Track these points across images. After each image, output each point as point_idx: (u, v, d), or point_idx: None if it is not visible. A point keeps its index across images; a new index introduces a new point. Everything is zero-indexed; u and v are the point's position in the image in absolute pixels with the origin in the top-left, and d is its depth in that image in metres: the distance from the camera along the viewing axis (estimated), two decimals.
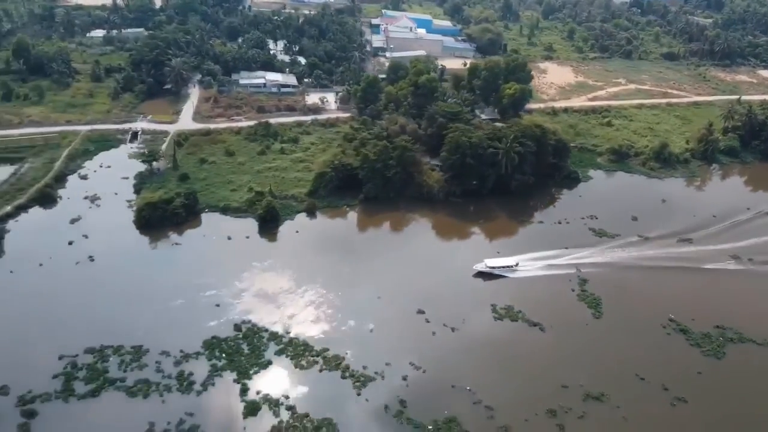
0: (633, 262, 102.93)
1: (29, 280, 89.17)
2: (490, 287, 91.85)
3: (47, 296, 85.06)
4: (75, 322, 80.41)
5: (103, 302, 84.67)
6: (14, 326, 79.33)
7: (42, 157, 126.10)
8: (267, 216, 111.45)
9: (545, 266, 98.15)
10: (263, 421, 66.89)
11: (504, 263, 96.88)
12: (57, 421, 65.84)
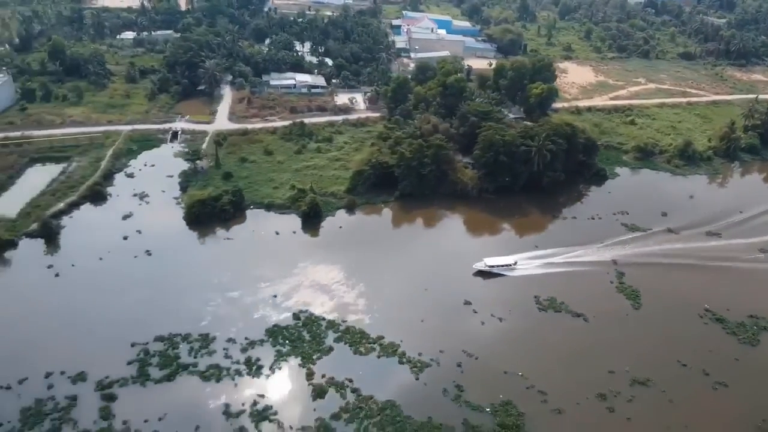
0: (666, 256, 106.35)
1: (92, 273, 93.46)
2: (532, 281, 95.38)
3: (112, 288, 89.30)
4: (141, 312, 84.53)
5: (165, 293, 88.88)
6: (84, 316, 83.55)
7: (88, 156, 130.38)
8: (310, 212, 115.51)
9: (545, 264, 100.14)
10: (331, 402, 70.77)
11: (503, 262, 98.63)
12: (135, 403, 69.81)
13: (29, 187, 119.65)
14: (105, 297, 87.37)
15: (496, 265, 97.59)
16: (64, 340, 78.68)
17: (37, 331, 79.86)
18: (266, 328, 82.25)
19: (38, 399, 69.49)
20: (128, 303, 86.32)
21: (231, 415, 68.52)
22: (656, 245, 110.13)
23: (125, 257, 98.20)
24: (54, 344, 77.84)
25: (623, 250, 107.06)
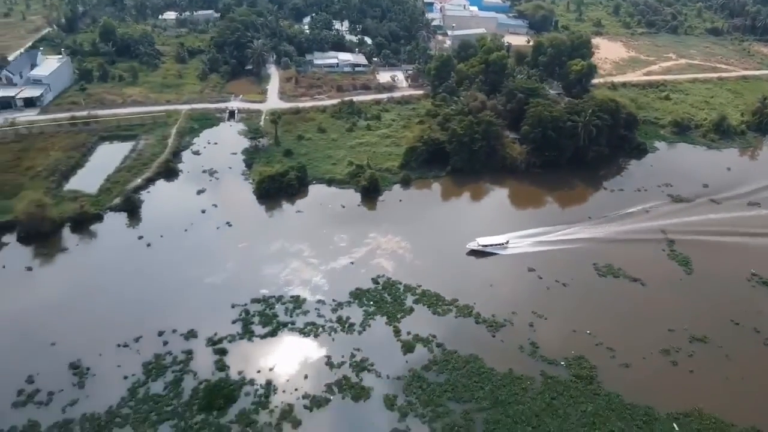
0: (711, 224, 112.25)
1: (180, 243, 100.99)
2: (590, 248, 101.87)
3: (202, 256, 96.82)
4: (234, 276, 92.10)
5: (253, 260, 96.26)
6: (182, 281, 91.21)
7: (154, 135, 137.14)
8: (370, 187, 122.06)
9: (535, 243, 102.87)
10: (420, 356, 78.24)
11: (495, 241, 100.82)
12: (245, 356, 77.53)
13: (102, 164, 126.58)
14: (198, 264, 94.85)
15: (489, 245, 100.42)
16: (169, 303, 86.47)
17: (141, 296, 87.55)
18: (350, 291, 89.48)
19: (157, 354, 77.36)
20: (221, 269, 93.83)
21: (333, 366, 76.15)
22: (701, 215, 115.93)
23: (207, 228, 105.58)
24: (159, 307, 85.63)
25: (671, 219, 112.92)
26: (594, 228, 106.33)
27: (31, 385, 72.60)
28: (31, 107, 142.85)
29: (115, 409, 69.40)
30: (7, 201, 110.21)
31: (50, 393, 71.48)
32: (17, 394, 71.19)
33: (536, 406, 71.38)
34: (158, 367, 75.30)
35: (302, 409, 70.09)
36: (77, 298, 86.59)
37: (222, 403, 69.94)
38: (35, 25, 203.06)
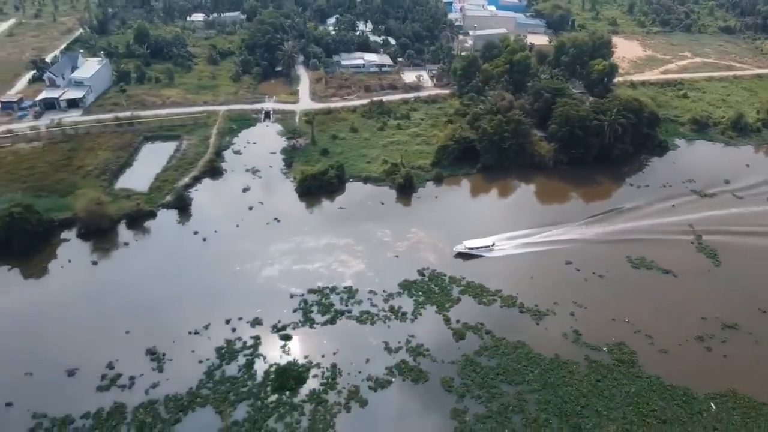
0: (735, 218, 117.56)
1: (233, 237, 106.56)
2: (621, 243, 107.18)
3: (256, 250, 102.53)
4: (289, 269, 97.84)
5: (305, 254, 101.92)
6: (241, 273, 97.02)
7: (196, 135, 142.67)
8: (406, 184, 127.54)
9: (521, 244, 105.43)
10: (471, 342, 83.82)
11: (482, 244, 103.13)
12: (308, 341, 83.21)
13: (148, 163, 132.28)
14: (253, 257, 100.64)
15: (476, 247, 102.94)
16: (231, 293, 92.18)
17: (204, 287, 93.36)
18: (398, 283, 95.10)
19: (227, 340, 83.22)
20: (276, 261, 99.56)
21: (392, 351, 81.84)
22: (725, 209, 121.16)
23: (257, 224, 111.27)
24: (223, 297, 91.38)
25: (696, 214, 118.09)
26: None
27: (112, 370, 78.44)
28: (74, 108, 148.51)
29: (195, 390, 75.13)
30: (63, 199, 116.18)
31: (131, 377, 77.29)
32: (101, 379, 77.05)
33: (583, 387, 76.91)
34: (230, 351, 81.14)
35: (367, 389, 75.82)
36: (144, 290, 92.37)
37: (293, 384, 75.75)
38: (66, 26, 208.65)
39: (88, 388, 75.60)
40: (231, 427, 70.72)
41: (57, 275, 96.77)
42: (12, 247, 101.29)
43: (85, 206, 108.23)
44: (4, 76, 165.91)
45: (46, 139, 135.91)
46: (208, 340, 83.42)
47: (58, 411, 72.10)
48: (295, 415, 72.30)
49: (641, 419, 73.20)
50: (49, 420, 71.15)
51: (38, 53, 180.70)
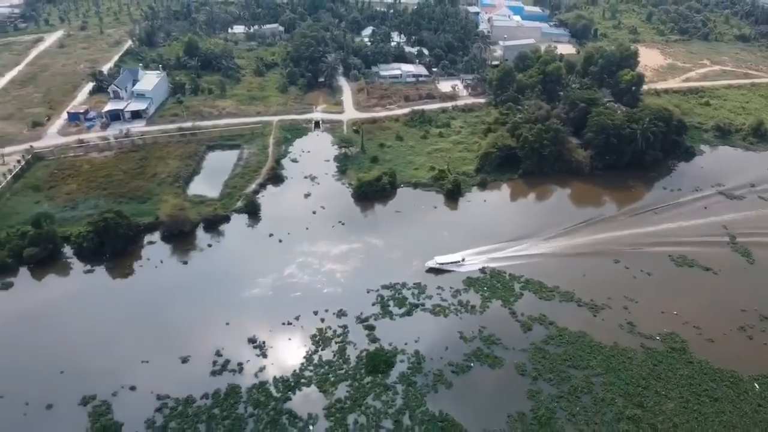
0: (764, 219, 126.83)
1: (305, 239, 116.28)
2: (663, 243, 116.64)
3: (330, 249, 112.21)
4: (361, 266, 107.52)
5: (373, 253, 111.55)
6: (318, 271, 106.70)
7: (254, 144, 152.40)
8: (454, 189, 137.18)
9: (489, 259, 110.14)
10: (537, 332, 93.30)
11: (452, 259, 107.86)
12: (391, 331, 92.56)
13: (214, 171, 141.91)
14: (327, 256, 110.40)
15: (446, 263, 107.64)
16: (314, 288, 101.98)
17: (288, 282, 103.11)
18: (462, 279, 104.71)
19: (319, 329, 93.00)
20: (348, 260, 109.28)
21: (467, 340, 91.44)
22: (753, 210, 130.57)
23: (324, 227, 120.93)
24: (307, 291, 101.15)
25: (728, 215, 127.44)
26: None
27: (221, 357, 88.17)
28: (138, 119, 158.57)
29: (299, 372, 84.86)
30: (142, 205, 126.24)
31: (239, 363, 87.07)
32: (212, 365, 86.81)
33: (642, 371, 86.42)
34: (323, 339, 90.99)
35: (450, 373, 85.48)
36: (235, 286, 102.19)
37: (384, 368, 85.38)
38: (114, 38, 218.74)
39: (202, 373, 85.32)
40: (335, 404, 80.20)
41: (153, 274, 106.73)
42: (105, 249, 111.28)
43: (170, 211, 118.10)
44: (63, 87, 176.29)
45: (117, 148, 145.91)
46: (301, 329, 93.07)
47: (179, 393, 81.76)
48: (390, 394, 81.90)
49: (695, 397, 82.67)
50: (172, 400, 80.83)
51: (92, 65, 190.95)
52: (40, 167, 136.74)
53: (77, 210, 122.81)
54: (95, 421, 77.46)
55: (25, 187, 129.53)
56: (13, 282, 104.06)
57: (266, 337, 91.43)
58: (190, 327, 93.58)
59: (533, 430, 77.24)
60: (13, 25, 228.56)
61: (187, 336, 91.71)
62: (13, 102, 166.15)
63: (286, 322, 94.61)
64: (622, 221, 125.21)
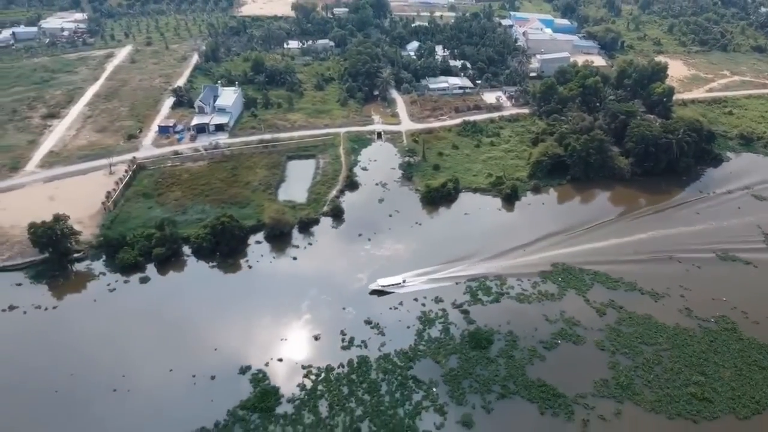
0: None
1: (391, 237, 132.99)
2: (705, 238, 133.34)
3: (417, 248, 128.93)
4: (447, 262, 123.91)
5: (453, 249, 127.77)
6: (407, 265, 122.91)
7: (328, 154, 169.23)
8: (511, 193, 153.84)
9: (428, 280, 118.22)
10: (610, 315, 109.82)
11: (392, 281, 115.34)
12: (484, 315, 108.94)
13: (297, 178, 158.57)
14: (414, 253, 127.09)
15: (388, 285, 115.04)
16: (407, 279, 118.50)
17: (386, 274, 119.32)
18: (537, 272, 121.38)
19: (423, 311, 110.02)
20: (432, 256, 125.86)
21: (551, 321, 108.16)
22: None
23: (404, 228, 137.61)
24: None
25: (760, 214, 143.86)
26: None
27: (346, 336, 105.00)
28: (221, 132, 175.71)
29: (414, 347, 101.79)
30: (243, 209, 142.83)
31: (362, 340, 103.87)
32: (341, 341, 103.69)
33: (701, 346, 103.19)
34: (428, 320, 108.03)
35: (542, 349, 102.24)
36: (343, 277, 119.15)
37: (485, 344, 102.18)
38: (179, 54, 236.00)
39: (334, 348, 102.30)
40: (449, 372, 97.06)
41: (268, 267, 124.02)
42: (220, 249, 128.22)
43: (273, 215, 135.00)
44: (146, 102, 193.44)
45: (208, 159, 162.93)
46: (407, 313, 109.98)
47: (320, 363, 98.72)
48: (493, 366, 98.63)
49: (747, 367, 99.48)
50: (315, 369, 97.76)
51: (166, 80, 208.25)
52: (145, 176, 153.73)
53: (187, 214, 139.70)
54: (256, 386, 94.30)
55: (136, 194, 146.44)
56: (149, 277, 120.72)
57: (379, 318, 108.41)
58: (313, 311, 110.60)
59: (617, 393, 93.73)
60: (82, 40, 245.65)
61: (313, 318, 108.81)
62: (103, 116, 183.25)
63: (392, 307, 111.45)
64: (667, 220, 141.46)
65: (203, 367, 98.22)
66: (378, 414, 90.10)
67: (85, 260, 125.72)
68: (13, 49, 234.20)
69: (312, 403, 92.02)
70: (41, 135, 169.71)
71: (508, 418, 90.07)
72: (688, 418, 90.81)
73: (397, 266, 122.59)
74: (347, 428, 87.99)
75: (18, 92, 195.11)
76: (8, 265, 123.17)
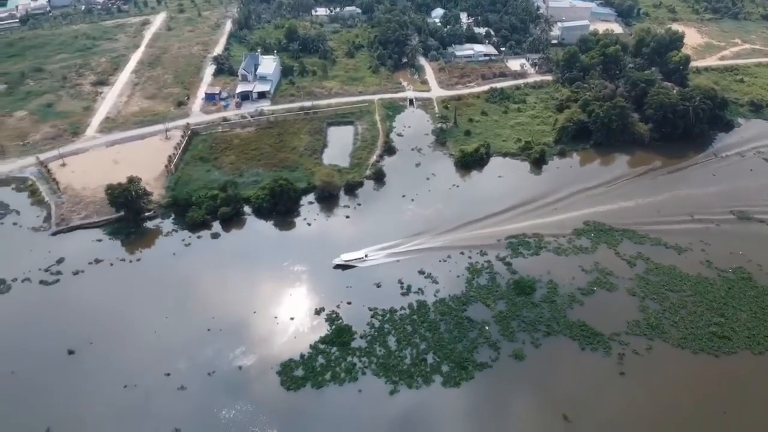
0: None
1: (430, 198, 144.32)
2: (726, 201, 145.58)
3: (458, 208, 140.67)
4: (487, 219, 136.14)
5: (492, 209, 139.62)
6: (451, 221, 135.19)
7: (364, 120, 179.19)
8: (539, 158, 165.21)
9: (388, 254, 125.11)
10: (639, 266, 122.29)
11: (355, 256, 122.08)
12: (524, 266, 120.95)
13: (338, 144, 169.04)
14: (457, 211, 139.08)
15: (351, 259, 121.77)
16: (454, 235, 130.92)
17: (429, 230, 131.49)
18: (572, 229, 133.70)
19: (470, 263, 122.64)
20: (473, 214, 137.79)
21: (587, 272, 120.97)
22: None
23: (443, 189, 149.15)
24: (449, 237, 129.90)
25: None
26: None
27: (403, 284, 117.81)
28: (263, 99, 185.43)
29: (465, 293, 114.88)
30: (293, 173, 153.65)
31: (419, 288, 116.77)
32: (400, 289, 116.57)
33: (720, 293, 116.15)
34: (475, 270, 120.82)
35: (580, 295, 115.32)
36: (394, 233, 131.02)
37: (528, 290, 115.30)
38: (212, 21, 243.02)
39: (394, 294, 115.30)
40: (498, 314, 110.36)
41: (326, 225, 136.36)
42: (278, 209, 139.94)
43: (324, 178, 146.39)
44: (188, 69, 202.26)
45: (255, 125, 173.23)
46: (455, 264, 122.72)
47: (383, 306, 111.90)
48: (537, 309, 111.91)
49: (761, 310, 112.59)
50: (380, 311, 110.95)
51: (204, 48, 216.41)
52: (199, 141, 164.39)
53: (244, 177, 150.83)
54: (331, 324, 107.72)
55: (194, 158, 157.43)
56: (219, 233, 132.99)
57: (432, 269, 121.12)
58: (371, 262, 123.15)
59: (648, 331, 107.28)
60: (117, 7, 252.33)
61: (372, 268, 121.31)
62: (150, 83, 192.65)
63: (442, 260, 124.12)
64: (686, 182, 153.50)
65: (282, 309, 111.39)
66: (440, 347, 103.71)
67: (156, 218, 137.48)
68: (51, 16, 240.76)
69: (381, 338, 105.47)
70: (94, 102, 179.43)
71: (553, 353, 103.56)
72: (710, 353, 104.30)
73: (444, 222, 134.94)
74: (415, 359, 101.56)
75: (64, 59, 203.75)
76: (86, 222, 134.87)
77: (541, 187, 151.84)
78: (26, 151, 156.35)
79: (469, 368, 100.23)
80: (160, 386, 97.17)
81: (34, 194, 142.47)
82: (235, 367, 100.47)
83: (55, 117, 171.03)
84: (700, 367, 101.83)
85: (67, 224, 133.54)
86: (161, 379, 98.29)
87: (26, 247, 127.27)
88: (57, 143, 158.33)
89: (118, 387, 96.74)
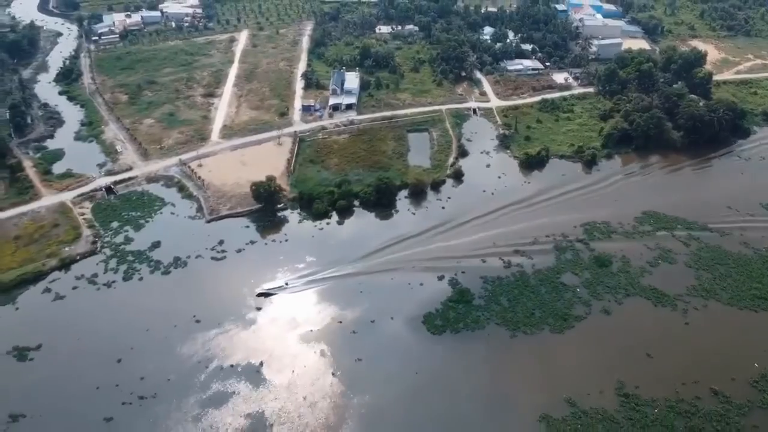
0: None
1: (506, 194, 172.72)
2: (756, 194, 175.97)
3: (532, 198, 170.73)
4: (558, 211, 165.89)
5: (559, 202, 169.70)
6: (522, 212, 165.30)
7: (437, 128, 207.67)
8: (591, 160, 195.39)
9: (308, 282, 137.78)
10: (693, 247, 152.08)
11: (276, 285, 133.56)
12: (599, 246, 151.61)
13: (417, 148, 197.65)
14: (530, 204, 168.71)
15: (272, 288, 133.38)
16: (534, 222, 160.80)
17: (513, 224, 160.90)
18: (633, 218, 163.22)
19: (556, 243, 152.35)
20: (548, 205, 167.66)
21: (651, 249, 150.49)
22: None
23: (516, 185, 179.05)
24: (531, 224, 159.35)
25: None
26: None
27: (504, 259, 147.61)
28: (350, 110, 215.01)
29: (555, 265, 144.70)
30: (387, 173, 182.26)
31: (517, 263, 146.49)
32: (502, 263, 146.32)
33: (758, 266, 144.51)
34: (561, 249, 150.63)
35: (648, 267, 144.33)
36: (482, 222, 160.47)
37: (607, 263, 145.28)
38: (290, 38, 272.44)
39: (497, 266, 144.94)
40: (585, 280, 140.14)
41: (426, 213, 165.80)
42: (382, 202, 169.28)
43: (416, 177, 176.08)
44: (281, 83, 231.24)
45: (348, 133, 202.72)
46: (541, 244, 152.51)
47: (491, 275, 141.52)
48: (615, 277, 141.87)
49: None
50: (489, 278, 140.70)
51: (289, 64, 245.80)
52: (305, 146, 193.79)
53: (349, 176, 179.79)
54: (454, 287, 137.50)
55: (305, 161, 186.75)
56: (343, 221, 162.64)
57: (526, 248, 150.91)
58: (471, 242, 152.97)
59: (703, 294, 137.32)
60: (203, 24, 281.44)
61: (477, 248, 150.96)
62: (251, 95, 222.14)
63: (529, 242, 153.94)
64: (718, 180, 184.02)
65: (413, 277, 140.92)
66: (543, 306, 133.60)
67: (285, 210, 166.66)
68: (147, 32, 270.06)
69: (495, 299, 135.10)
70: (209, 111, 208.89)
71: (633, 309, 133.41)
72: (751, 310, 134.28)
73: (524, 215, 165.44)
74: (525, 313, 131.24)
75: (170, 73, 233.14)
76: (233, 212, 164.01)
77: (598, 183, 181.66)
78: (165, 153, 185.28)
79: (569, 320, 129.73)
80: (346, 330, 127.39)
81: (182, 189, 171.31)
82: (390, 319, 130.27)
83: (180, 125, 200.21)
84: (744, 319, 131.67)
85: (218, 214, 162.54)
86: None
87: (188, 233, 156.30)
88: (188, 147, 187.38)
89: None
